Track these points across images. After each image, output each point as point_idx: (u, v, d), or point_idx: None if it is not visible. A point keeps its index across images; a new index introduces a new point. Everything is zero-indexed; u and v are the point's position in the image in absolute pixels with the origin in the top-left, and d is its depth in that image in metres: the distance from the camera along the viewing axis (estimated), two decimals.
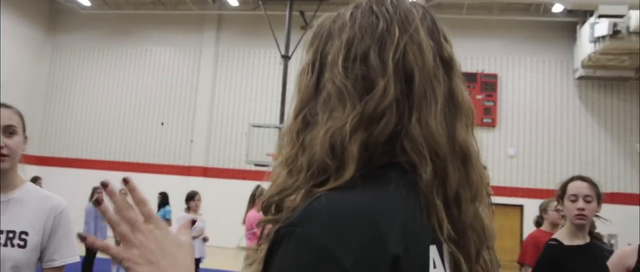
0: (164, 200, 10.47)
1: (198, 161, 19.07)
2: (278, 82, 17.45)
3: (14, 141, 1.88)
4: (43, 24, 20.70)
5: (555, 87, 17.75)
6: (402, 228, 0.69)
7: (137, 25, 20.28)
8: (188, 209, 7.21)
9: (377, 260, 0.65)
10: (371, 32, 0.79)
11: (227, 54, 19.69)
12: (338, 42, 0.80)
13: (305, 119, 0.81)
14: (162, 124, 19.69)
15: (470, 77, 17.74)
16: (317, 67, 0.82)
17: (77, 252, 2.08)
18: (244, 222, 6.25)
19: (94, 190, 9.43)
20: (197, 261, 7.00)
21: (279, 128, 14.19)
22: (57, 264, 1.99)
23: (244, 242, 6.05)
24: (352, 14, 0.83)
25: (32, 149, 19.98)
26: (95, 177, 14.82)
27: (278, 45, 14.47)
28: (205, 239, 7.11)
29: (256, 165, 14.60)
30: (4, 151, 1.84)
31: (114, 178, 0.82)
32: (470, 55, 17.85)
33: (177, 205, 10.98)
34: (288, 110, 0.85)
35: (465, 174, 0.78)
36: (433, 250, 0.73)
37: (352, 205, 0.69)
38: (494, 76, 17.90)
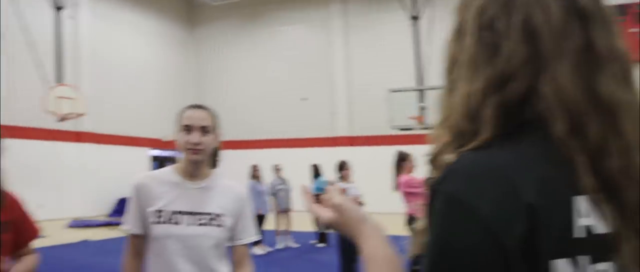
0: (316, 171, 10.89)
1: (342, 131, 19.48)
2: (410, 45, 17.19)
3: (208, 139, 2.21)
4: (183, 20, 22.27)
5: None
6: (537, 180, 0.73)
7: (265, 8, 21.04)
8: (340, 179, 7.41)
9: (511, 209, 0.71)
10: None
11: (356, 23, 19.76)
12: (473, 10, 0.85)
13: (449, 85, 0.87)
14: (303, 99, 20.37)
15: (620, 10, 16.17)
16: (458, 35, 0.87)
17: (256, 232, 2.44)
18: (396, 187, 6.36)
19: (253, 168, 10.05)
20: None
21: (418, 91, 13.98)
22: (244, 242, 2.32)
23: (397, 207, 6.18)
24: None
25: None
26: (248, 156, 15.76)
27: (406, 8, 14.24)
28: (360, 204, 7.28)
29: (401, 129, 14.47)
30: (200, 147, 2.17)
31: (266, 155, 0.99)
32: None
33: (327, 176, 11.35)
34: (424, 72, 0.92)
35: (613, 126, 0.76)
36: (580, 200, 0.74)
37: (487, 162, 0.75)
38: None
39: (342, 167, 7.39)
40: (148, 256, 2.23)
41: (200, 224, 2.19)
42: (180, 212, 2.19)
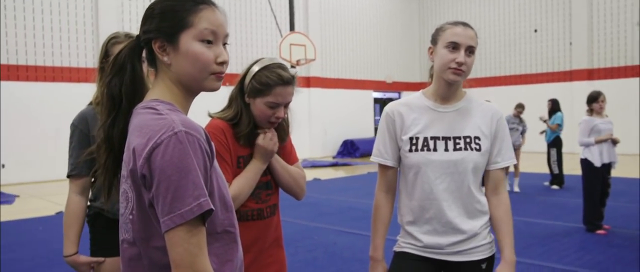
0: (554, 106, 10.03)
1: (580, 64, 17.61)
2: None
3: (471, 59, 2.02)
4: None
5: None
6: None
7: None
8: (590, 112, 6.39)
9: None
10: None
11: None
12: None
13: None
14: (536, 31, 18.74)
15: None
16: None
17: (514, 156, 2.15)
18: None
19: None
20: (608, 166, 6.30)
21: None
22: (501, 166, 2.10)
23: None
24: None
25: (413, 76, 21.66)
26: (477, 93, 15.11)
27: None
28: (614, 142, 6.26)
29: None
30: (464, 68, 1.98)
31: (495, 93, 0.58)
32: None
33: (564, 112, 10.38)
34: None
35: None
36: None
37: None
38: None
39: (595, 98, 6.38)
40: (403, 187, 2.13)
41: (457, 149, 2.03)
42: (436, 138, 2.05)
